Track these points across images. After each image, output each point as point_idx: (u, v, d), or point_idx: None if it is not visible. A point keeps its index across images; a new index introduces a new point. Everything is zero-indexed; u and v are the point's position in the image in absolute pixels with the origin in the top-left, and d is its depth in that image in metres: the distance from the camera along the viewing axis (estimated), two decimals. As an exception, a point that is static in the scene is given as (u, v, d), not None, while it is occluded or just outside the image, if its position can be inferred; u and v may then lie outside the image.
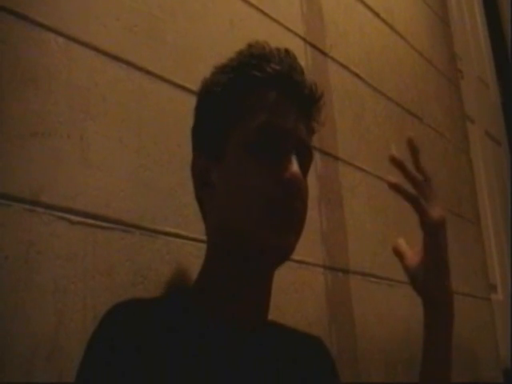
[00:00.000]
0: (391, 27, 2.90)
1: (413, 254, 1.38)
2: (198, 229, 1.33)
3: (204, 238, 1.30)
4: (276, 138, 1.16)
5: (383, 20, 2.83)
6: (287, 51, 1.23)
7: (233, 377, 1.09)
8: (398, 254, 1.41)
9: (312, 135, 1.28)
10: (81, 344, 1.09)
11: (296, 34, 2.14)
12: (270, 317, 1.30)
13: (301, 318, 1.80)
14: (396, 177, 1.31)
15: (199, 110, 1.28)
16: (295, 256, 1.85)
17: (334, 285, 2.02)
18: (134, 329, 1.04)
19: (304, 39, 2.17)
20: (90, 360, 1.04)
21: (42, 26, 1.28)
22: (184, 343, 1.07)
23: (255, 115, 1.17)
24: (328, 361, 1.38)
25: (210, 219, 1.24)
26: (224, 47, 1.54)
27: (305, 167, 1.21)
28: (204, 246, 1.29)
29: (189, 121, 1.31)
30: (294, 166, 1.13)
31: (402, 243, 1.43)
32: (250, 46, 1.25)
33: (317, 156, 2.09)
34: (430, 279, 1.32)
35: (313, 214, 2.00)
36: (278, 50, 1.23)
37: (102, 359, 1.02)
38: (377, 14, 2.78)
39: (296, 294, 1.84)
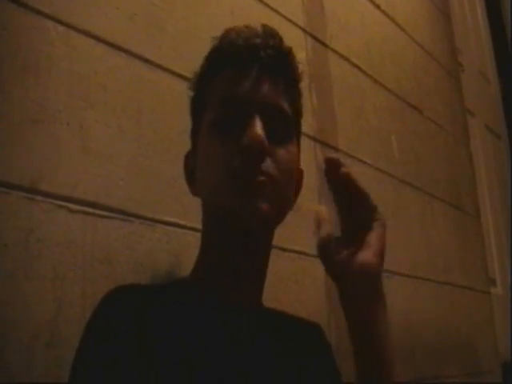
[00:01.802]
0: (392, 19, 2.90)
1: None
2: (197, 218, 1.32)
3: (203, 227, 1.30)
4: (236, 109, 1.11)
5: (384, 12, 2.83)
6: (263, 25, 1.17)
7: (230, 359, 1.09)
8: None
9: (295, 97, 1.20)
10: (80, 331, 1.09)
11: (296, 25, 2.14)
12: (270, 306, 1.30)
13: (300, 309, 1.80)
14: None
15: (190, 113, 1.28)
16: (295, 246, 1.87)
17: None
18: (131, 311, 1.03)
19: (304, 30, 2.17)
20: (87, 343, 1.03)
21: (42, 13, 1.28)
22: (181, 326, 1.07)
23: (215, 95, 1.14)
24: (325, 346, 1.37)
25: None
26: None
27: (279, 129, 1.13)
28: (204, 235, 1.29)
29: (188, 110, 1.31)
30: (254, 130, 1.07)
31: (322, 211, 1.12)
32: (222, 33, 1.22)
33: (316, 147, 2.09)
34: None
35: (313, 205, 2.00)
36: (249, 27, 1.18)
37: (99, 342, 1.02)
38: (378, 6, 2.78)
39: (296, 285, 1.84)
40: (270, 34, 1.17)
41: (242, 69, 1.14)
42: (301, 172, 1.27)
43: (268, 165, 1.08)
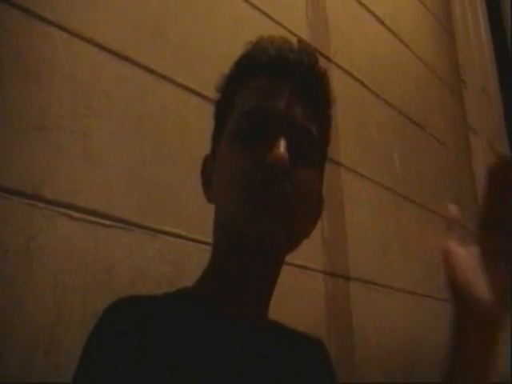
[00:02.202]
0: (396, 35, 2.90)
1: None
2: (199, 229, 1.32)
3: (205, 239, 1.29)
4: (262, 122, 1.08)
5: (388, 28, 2.84)
6: (299, 40, 1.16)
7: (232, 372, 1.08)
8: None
9: (320, 121, 1.15)
10: (79, 339, 1.08)
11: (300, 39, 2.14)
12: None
13: (300, 323, 1.79)
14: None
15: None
16: (296, 261, 1.86)
17: (334, 291, 2.01)
18: (134, 324, 1.03)
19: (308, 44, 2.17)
20: (88, 356, 1.03)
21: (46, 20, 1.28)
22: (182, 339, 1.06)
23: (242, 104, 1.11)
24: (328, 363, 1.37)
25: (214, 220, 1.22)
26: (227, 48, 1.54)
27: (306, 156, 1.10)
28: (205, 247, 1.29)
29: (191, 120, 1.31)
30: (278, 148, 1.03)
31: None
32: (256, 40, 1.21)
33: (319, 161, 2.09)
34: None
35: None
36: (284, 39, 1.14)
37: (100, 355, 1.01)
38: (382, 22, 2.78)
39: (296, 299, 1.84)
40: (305, 50, 1.14)
41: (273, 81, 1.11)
42: (321, 201, 1.23)
43: (287, 187, 1.06)
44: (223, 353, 1.08)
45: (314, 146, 1.13)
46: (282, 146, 1.04)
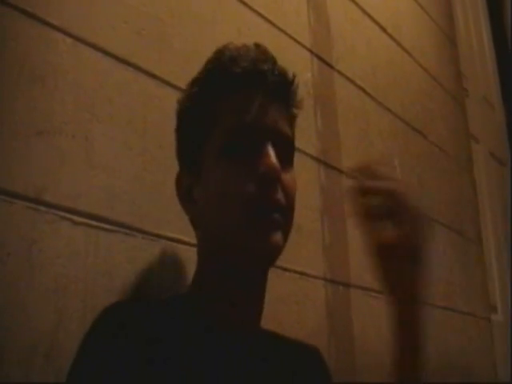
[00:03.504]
0: (398, 43, 2.90)
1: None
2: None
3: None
4: (247, 135, 1.11)
5: (390, 35, 2.84)
6: (257, 45, 1.19)
7: (225, 380, 1.08)
8: None
9: (292, 122, 1.22)
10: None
11: (303, 46, 2.14)
12: (269, 327, 1.29)
13: (300, 330, 1.80)
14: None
15: (177, 131, 1.26)
16: (296, 267, 1.86)
17: (335, 298, 2.01)
18: (127, 328, 1.03)
19: (310, 51, 2.18)
20: (82, 356, 1.03)
21: (50, 25, 1.29)
22: (176, 346, 1.06)
23: (223, 121, 1.14)
24: (324, 371, 1.37)
25: (199, 234, 1.23)
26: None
27: (287, 159, 1.16)
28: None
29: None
30: (268, 158, 1.08)
31: None
32: (216, 51, 1.21)
33: (320, 169, 2.09)
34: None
35: (315, 227, 1.99)
36: (245, 46, 1.19)
37: (92, 360, 1.01)
38: (384, 29, 2.79)
39: (296, 306, 1.84)
40: (272, 58, 1.19)
41: (250, 93, 1.14)
42: None
43: (279, 194, 1.09)
44: (217, 362, 1.09)
45: (291, 148, 1.19)
46: (271, 154, 1.09)
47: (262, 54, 1.17)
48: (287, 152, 1.17)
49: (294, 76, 1.21)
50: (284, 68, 1.20)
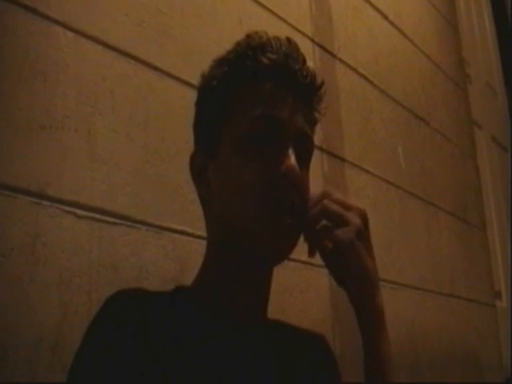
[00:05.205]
0: (400, 30, 2.90)
1: None
2: (203, 226, 1.32)
3: (211, 236, 1.30)
4: (271, 130, 1.10)
5: (392, 23, 2.83)
6: (288, 40, 1.17)
7: (232, 371, 1.08)
8: None
9: (314, 126, 1.20)
10: (85, 337, 1.09)
11: (304, 35, 2.14)
12: (274, 316, 1.29)
13: (305, 319, 1.80)
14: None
15: (198, 105, 1.24)
16: (301, 257, 1.86)
17: (339, 287, 2.02)
18: (132, 316, 1.03)
19: (312, 40, 2.18)
20: (87, 344, 1.03)
21: (51, 19, 1.29)
22: (181, 336, 1.06)
23: (249, 109, 1.12)
24: (330, 358, 1.37)
25: (209, 216, 1.22)
26: (232, 45, 1.54)
27: (305, 160, 1.15)
28: (210, 244, 1.29)
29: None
30: (290, 159, 1.07)
31: None
32: (247, 36, 1.19)
33: (323, 157, 2.09)
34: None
35: (318, 215, 1.99)
36: (278, 38, 1.16)
37: (96, 352, 1.02)
38: (385, 17, 2.78)
39: (301, 295, 1.84)
40: (302, 56, 1.17)
41: (278, 88, 1.13)
42: None
43: (294, 195, 1.09)
44: (222, 353, 1.09)
45: (312, 150, 1.17)
46: (292, 156, 1.08)
47: (293, 51, 1.16)
48: (307, 154, 1.16)
49: (323, 82, 1.19)
50: (313, 70, 1.18)
